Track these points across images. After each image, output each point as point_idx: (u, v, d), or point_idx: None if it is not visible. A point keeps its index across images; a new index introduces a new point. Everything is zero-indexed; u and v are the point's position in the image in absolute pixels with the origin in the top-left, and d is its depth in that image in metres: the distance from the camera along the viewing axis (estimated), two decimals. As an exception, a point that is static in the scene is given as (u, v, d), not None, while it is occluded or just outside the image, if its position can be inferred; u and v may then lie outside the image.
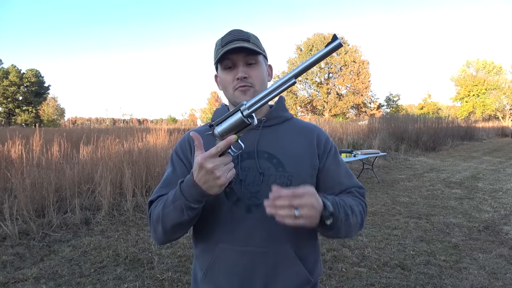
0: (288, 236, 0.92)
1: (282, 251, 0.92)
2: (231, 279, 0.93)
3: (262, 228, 0.91)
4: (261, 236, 0.92)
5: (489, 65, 44.34)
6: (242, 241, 0.92)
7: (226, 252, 0.94)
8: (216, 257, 0.95)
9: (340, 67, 35.90)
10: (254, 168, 0.94)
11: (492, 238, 3.83)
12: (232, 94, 0.97)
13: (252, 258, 0.92)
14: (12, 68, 41.86)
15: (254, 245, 0.92)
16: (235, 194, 0.94)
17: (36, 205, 4.10)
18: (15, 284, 2.73)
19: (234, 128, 0.76)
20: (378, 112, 38.85)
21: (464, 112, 42.71)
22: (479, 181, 7.26)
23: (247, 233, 0.92)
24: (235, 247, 0.93)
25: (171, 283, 2.78)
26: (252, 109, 0.74)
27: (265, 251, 0.92)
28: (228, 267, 0.94)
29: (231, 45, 0.92)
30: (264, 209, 0.82)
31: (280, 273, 0.92)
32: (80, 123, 53.04)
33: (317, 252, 1.02)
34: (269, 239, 0.92)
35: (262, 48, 1.01)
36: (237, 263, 0.93)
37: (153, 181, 5.05)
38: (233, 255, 0.93)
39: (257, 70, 0.97)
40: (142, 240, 3.67)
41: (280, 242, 0.92)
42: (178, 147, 1.04)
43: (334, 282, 2.80)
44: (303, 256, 0.95)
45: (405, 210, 4.97)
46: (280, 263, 0.92)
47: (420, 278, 2.88)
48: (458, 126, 18.95)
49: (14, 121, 41.73)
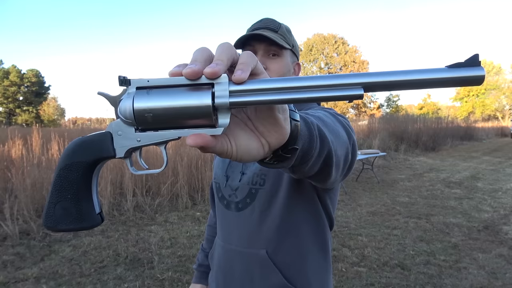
0: (266, 242, 0.87)
1: (258, 255, 0.87)
2: (218, 271, 0.97)
3: (239, 228, 0.90)
4: (238, 235, 0.91)
5: (489, 65, 44.34)
6: (225, 237, 0.95)
7: (217, 245, 0.99)
8: (214, 247, 1.02)
9: (340, 67, 35.91)
10: (239, 166, 0.93)
11: (491, 238, 3.84)
12: None
13: (231, 256, 0.92)
14: (12, 68, 41.87)
15: (232, 244, 0.92)
16: (220, 190, 0.96)
17: (36, 205, 4.10)
18: (15, 283, 2.74)
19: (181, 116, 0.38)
20: (378, 112, 38.88)
21: (463, 112, 42.76)
22: (479, 181, 7.27)
23: (228, 230, 0.93)
24: (221, 242, 0.97)
25: (171, 283, 2.79)
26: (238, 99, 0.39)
27: (241, 251, 0.90)
28: (217, 260, 0.98)
29: (255, 32, 0.87)
30: (240, 208, 0.86)
31: (254, 277, 0.88)
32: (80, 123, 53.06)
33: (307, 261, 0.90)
34: (245, 240, 0.89)
35: (290, 42, 0.92)
36: (222, 258, 0.95)
37: (153, 181, 5.06)
38: (220, 250, 0.97)
39: (278, 64, 0.88)
40: (142, 240, 3.68)
41: (256, 246, 0.88)
42: None
43: (334, 282, 2.80)
44: (283, 264, 0.87)
45: (405, 210, 4.98)
46: (254, 267, 0.88)
47: (420, 278, 2.88)
48: (457, 126, 18.96)
49: (15, 121, 41.72)
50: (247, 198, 0.88)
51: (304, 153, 0.49)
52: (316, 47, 35.74)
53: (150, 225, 4.17)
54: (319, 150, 0.52)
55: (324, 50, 35.73)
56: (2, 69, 41.40)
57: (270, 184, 0.87)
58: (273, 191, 0.87)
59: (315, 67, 36.31)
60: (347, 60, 35.08)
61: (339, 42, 35.70)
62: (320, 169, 0.56)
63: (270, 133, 0.41)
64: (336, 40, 35.74)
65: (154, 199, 4.84)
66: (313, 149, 0.50)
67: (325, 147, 0.53)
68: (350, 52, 35.44)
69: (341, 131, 0.64)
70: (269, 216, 0.88)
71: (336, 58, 35.53)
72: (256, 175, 0.88)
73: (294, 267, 0.89)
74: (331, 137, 0.57)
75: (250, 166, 0.91)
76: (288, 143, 0.44)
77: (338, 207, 5.10)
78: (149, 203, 4.74)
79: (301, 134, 0.46)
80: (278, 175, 0.87)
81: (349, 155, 0.64)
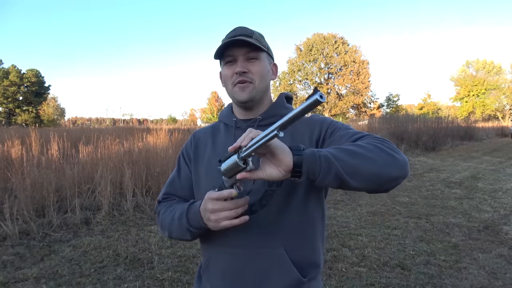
0: (284, 240, 0.91)
1: (275, 254, 0.90)
2: (223, 280, 0.94)
3: (254, 231, 0.90)
4: (253, 238, 0.91)
5: (489, 65, 44.35)
6: (233, 242, 0.92)
7: (218, 253, 0.95)
8: (211, 257, 0.97)
9: (340, 67, 35.90)
10: None
11: (491, 238, 3.83)
12: (231, 89, 0.97)
13: (243, 260, 0.91)
14: (12, 68, 41.86)
15: (245, 247, 0.91)
16: None
17: (36, 205, 4.10)
18: (15, 284, 2.74)
19: (232, 169, 0.76)
20: (378, 112, 38.89)
21: (464, 112, 42.75)
22: (479, 181, 7.26)
23: (238, 235, 0.91)
24: (225, 248, 0.93)
25: (171, 283, 2.78)
26: (246, 153, 0.70)
27: (257, 252, 0.90)
28: (221, 268, 0.94)
29: (231, 39, 0.92)
30: (254, 211, 0.86)
31: (272, 276, 0.90)
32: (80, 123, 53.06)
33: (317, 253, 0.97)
34: (262, 241, 0.91)
35: (265, 45, 0.99)
36: (229, 265, 0.93)
37: (153, 181, 5.05)
38: (225, 257, 0.94)
39: (258, 66, 0.95)
40: (142, 240, 3.68)
41: (273, 245, 0.90)
42: (183, 149, 1.10)
43: (334, 282, 2.80)
44: (299, 259, 0.92)
45: (405, 210, 4.97)
46: (272, 266, 0.90)
47: (420, 278, 2.88)
48: (458, 126, 18.95)
49: (15, 121, 41.71)
50: (262, 200, 0.90)
51: (310, 172, 0.73)
52: (316, 47, 35.72)
53: (150, 225, 4.16)
54: (326, 170, 0.73)
55: (324, 50, 35.71)
56: (2, 69, 41.37)
57: (287, 184, 0.90)
58: (290, 190, 0.91)
59: (315, 67, 36.30)
60: (347, 60, 35.07)
61: (339, 42, 35.69)
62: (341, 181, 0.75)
63: (279, 163, 0.72)
64: (336, 40, 35.72)
65: (154, 199, 4.84)
66: (318, 170, 0.73)
67: (332, 168, 0.73)
68: (350, 52, 35.42)
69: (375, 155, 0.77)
70: (287, 214, 0.92)
71: (336, 58, 35.52)
72: None
73: (309, 260, 0.94)
74: (350, 159, 0.75)
75: None
76: (295, 167, 0.72)
77: (338, 207, 5.10)
78: (149, 203, 4.74)
79: (305, 161, 0.72)
80: None
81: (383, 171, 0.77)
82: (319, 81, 37.03)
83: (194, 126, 29.92)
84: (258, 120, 0.98)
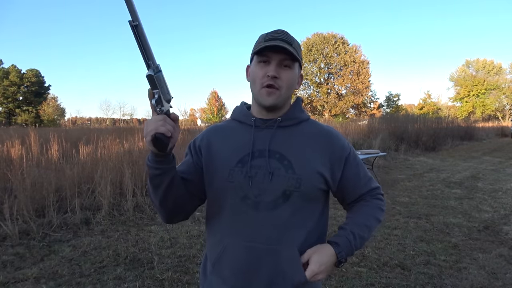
0: (297, 239, 0.95)
1: (289, 252, 0.94)
2: (237, 273, 0.96)
3: (270, 227, 0.94)
4: (269, 234, 0.94)
5: (489, 65, 44.36)
6: (249, 236, 0.95)
7: (233, 246, 0.97)
8: (224, 250, 0.98)
9: (340, 67, 35.90)
10: (264, 167, 0.96)
11: (492, 238, 3.83)
12: (258, 90, 0.98)
13: (258, 254, 0.94)
14: (12, 68, 41.89)
15: (261, 242, 0.94)
16: (243, 190, 0.96)
17: (36, 205, 4.10)
18: (15, 284, 2.74)
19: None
20: (378, 112, 38.90)
21: (464, 112, 42.75)
22: (479, 181, 7.27)
23: (255, 230, 0.94)
24: (241, 242, 0.95)
25: (171, 283, 2.78)
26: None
27: (273, 248, 0.93)
28: (235, 261, 0.96)
29: (273, 42, 0.94)
30: (271, 208, 0.93)
31: (285, 272, 0.93)
32: (80, 123, 53.10)
33: None
34: (277, 238, 0.94)
35: (300, 56, 1.02)
36: (243, 258, 0.95)
37: (153, 181, 5.04)
38: (239, 250, 0.96)
39: (289, 74, 0.98)
40: (142, 240, 3.68)
41: (287, 243, 0.94)
42: (194, 142, 1.09)
43: (334, 282, 2.80)
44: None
45: (405, 210, 4.97)
46: (287, 265, 0.93)
47: (420, 278, 2.88)
48: (458, 126, 18.96)
49: (15, 121, 41.73)
50: (280, 199, 0.94)
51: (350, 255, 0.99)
52: (316, 47, 35.72)
53: (150, 225, 4.16)
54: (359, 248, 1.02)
55: (324, 50, 35.71)
56: (2, 69, 41.39)
57: (305, 187, 0.94)
58: (308, 193, 0.96)
59: (315, 67, 36.30)
60: (347, 60, 35.07)
61: (339, 42, 35.69)
62: None
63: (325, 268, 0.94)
64: (336, 40, 35.72)
65: (154, 199, 4.83)
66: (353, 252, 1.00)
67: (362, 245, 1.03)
68: (350, 52, 35.43)
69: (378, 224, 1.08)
70: (304, 215, 0.97)
71: (336, 58, 35.52)
72: (291, 178, 0.94)
73: None
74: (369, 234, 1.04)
75: (280, 168, 0.96)
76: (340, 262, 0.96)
77: (339, 207, 5.09)
78: (149, 203, 4.73)
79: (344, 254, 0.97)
80: (313, 178, 0.97)
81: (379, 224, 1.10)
82: (319, 81, 37.04)
83: (194, 126, 29.92)
84: (278, 121, 1.01)
